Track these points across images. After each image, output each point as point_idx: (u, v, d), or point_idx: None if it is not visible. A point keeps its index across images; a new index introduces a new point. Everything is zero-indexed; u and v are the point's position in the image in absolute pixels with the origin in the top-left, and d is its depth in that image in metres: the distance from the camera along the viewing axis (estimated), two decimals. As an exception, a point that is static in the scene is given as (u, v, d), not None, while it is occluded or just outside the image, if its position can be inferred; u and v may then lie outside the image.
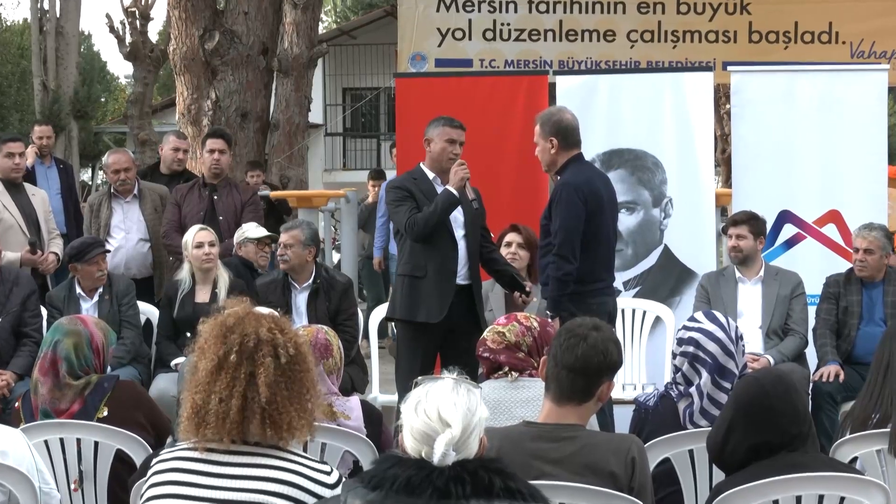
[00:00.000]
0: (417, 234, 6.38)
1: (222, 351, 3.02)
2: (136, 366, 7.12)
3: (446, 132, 6.55)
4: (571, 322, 3.80)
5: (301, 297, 7.23)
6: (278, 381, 3.01)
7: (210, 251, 7.30)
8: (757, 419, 3.51)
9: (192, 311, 7.15)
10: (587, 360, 3.64)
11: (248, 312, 3.13)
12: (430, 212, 6.35)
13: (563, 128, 6.29)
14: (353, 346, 7.09)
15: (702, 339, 4.48)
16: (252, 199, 8.49)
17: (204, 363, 3.03)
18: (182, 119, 12.45)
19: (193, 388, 3.03)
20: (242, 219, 8.26)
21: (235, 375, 3.00)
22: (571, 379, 3.64)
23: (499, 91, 8.50)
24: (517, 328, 4.67)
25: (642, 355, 7.63)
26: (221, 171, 8.47)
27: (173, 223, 8.19)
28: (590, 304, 6.01)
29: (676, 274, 8.22)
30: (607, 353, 3.66)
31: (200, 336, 3.09)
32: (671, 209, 8.27)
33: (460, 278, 6.49)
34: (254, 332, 3.05)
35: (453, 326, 6.40)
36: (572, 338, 3.68)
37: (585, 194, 6.14)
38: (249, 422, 2.98)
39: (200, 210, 8.23)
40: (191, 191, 8.37)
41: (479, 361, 4.69)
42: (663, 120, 8.28)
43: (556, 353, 3.70)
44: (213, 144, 8.51)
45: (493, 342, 4.64)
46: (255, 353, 3.02)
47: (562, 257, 6.07)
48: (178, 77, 12.59)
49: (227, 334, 3.05)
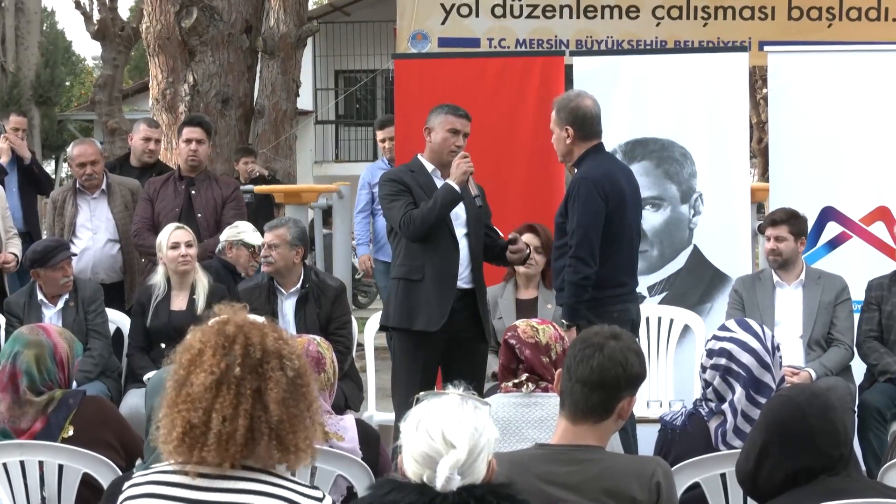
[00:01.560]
0: (414, 232, 6.38)
1: (224, 363, 2.97)
2: (105, 380, 7.13)
3: (449, 121, 6.56)
4: (587, 331, 3.80)
5: (288, 303, 7.24)
6: (286, 397, 2.98)
7: (187, 252, 7.30)
8: (794, 443, 3.48)
9: (167, 320, 7.16)
10: (604, 372, 3.64)
11: (248, 320, 3.08)
12: (429, 208, 6.36)
13: (582, 115, 6.29)
14: (346, 357, 7.10)
15: (735, 350, 4.48)
16: (234, 193, 8.49)
17: (201, 377, 2.96)
18: (156, 105, 12.47)
19: (183, 404, 2.97)
20: (223, 216, 8.27)
21: (240, 391, 2.95)
22: (587, 394, 3.64)
23: (509, 74, 8.50)
24: (552, 331, 4.74)
25: (669, 369, 7.63)
26: (199, 162, 8.47)
27: (146, 221, 8.20)
28: (610, 312, 6.01)
29: (707, 278, 8.22)
30: (627, 364, 3.66)
31: (191, 346, 3.04)
32: (701, 206, 8.27)
33: (462, 281, 6.49)
34: (259, 342, 3.01)
35: (456, 336, 6.40)
36: (587, 348, 3.68)
37: (606, 189, 6.15)
38: (256, 443, 2.94)
39: (176, 206, 8.24)
40: (165, 185, 8.38)
41: (501, 350, 4.73)
42: (692, 106, 8.28)
43: (570, 364, 3.70)
44: (189, 133, 8.52)
45: (525, 333, 4.68)
46: (260, 365, 2.98)
47: (579, 259, 6.07)
48: (151, 58, 12.61)
49: (228, 344, 3.00)
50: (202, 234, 8.07)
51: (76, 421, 4.78)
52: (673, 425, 4.56)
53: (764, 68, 8.68)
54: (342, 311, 7.25)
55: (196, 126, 8.64)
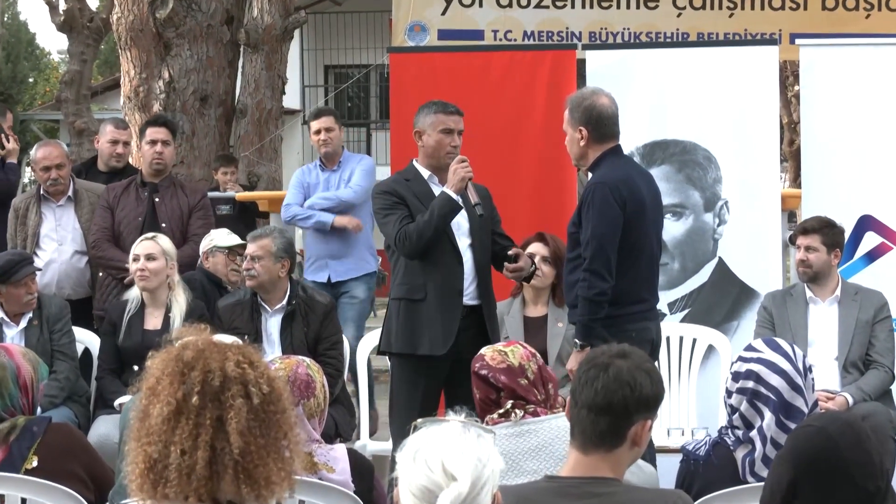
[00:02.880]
0: (411, 248, 6.39)
1: (181, 392, 2.99)
2: (72, 406, 7.13)
3: (440, 120, 6.57)
4: (593, 351, 3.80)
5: (273, 321, 7.25)
6: (252, 426, 2.99)
7: (146, 266, 7.28)
8: (826, 479, 3.46)
9: (140, 340, 7.16)
10: (609, 394, 3.63)
11: (209, 343, 3.10)
12: (425, 221, 6.37)
13: (598, 115, 6.29)
14: (337, 381, 7.11)
15: (763, 372, 4.49)
16: (201, 202, 8.47)
17: (158, 407, 2.98)
18: (128, 104, 12.48)
19: (146, 437, 2.99)
20: (190, 226, 8.27)
21: (199, 422, 2.97)
22: (593, 420, 3.63)
23: (516, 70, 8.52)
24: (521, 351, 4.76)
25: (691, 393, 7.63)
26: (164, 166, 8.47)
27: (105, 231, 8.19)
28: (628, 331, 6.01)
29: (733, 293, 8.23)
30: (635, 384, 3.63)
31: (150, 374, 3.05)
32: (727, 214, 8.28)
33: (467, 298, 6.51)
34: (219, 368, 3.02)
35: (460, 357, 6.40)
36: (592, 369, 3.67)
37: (623, 195, 6.15)
38: (220, 477, 2.95)
39: (138, 215, 8.24)
40: (126, 191, 8.37)
41: (474, 384, 4.75)
42: (717, 105, 8.29)
43: (576, 388, 3.69)
44: (154, 134, 8.50)
45: (494, 360, 4.70)
46: (221, 393, 3.00)
47: (594, 273, 6.07)
48: (122, 52, 12.62)
49: (186, 371, 3.02)
50: (166, 245, 8.09)
51: (41, 450, 4.78)
52: (696, 455, 4.56)
53: (796, 63, 8.70)
54: (332, 330, 7.26)
55: (160, 126, 8.63)
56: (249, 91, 13.30)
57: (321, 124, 9.16)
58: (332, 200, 8.99)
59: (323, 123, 9.16)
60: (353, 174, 9.10)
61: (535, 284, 7.12)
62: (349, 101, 28.28)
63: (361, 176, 9.06)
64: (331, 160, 9.17)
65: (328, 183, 9.13)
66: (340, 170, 9.17)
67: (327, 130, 9.12)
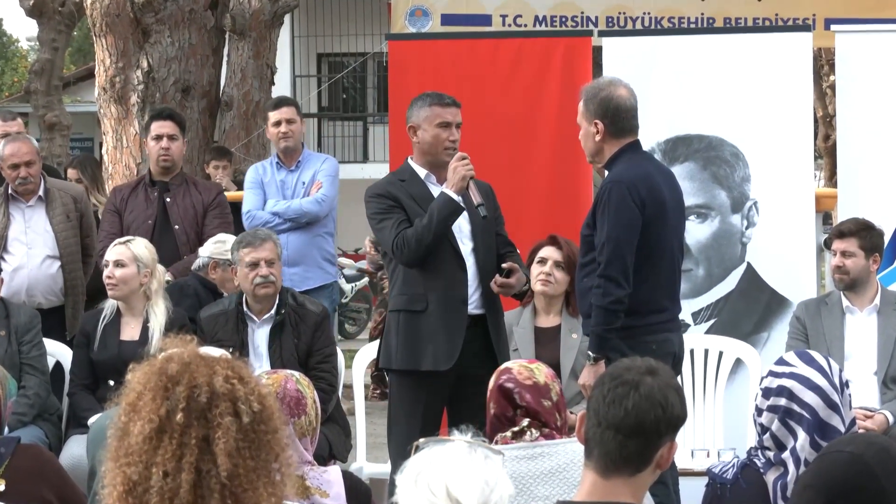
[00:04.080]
0: (410, 255, 6.39)
1: (164, 409, 2.98)
2: (43, 424, 7.14)
3: (437, 113, 6.56)
4: (616, 366, 3.78)
5: (261, 332, 7.26)
6: (241, 447, 2.98)
7: (114, 274, 7.29)
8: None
9: (116, 352, 7.17)
10: (641, 415, 3.62)
11: (196, 356, 3.09)
12: (424, 225, 6.37)
13: (615, 107, 6.30)
14: (331, 397, 7.11)
15: (796, 388, 4.49)
16: (217, 199, 8.49)
17: (138, 425, 2.97)
18: (103, 95, 12.48)
19: (125, 458, 2.98)
20: (206, 227, 8.27)
21: (184, 441, 2.96)
22: (620, 442, 3.62)
23: (526, 58, 8.53)
24: (545, 369, 4.76)
25: (717, 411, 7.64)
26: (173, 163, 8.50)
27: (113, 237, 8.07)
28: (647, 343, 6.02)
29: (763, 302, 8.23)
30: (667, 404, 3.63)
31: (130, 389, 3.04)
32: (756, 216, 8.29)
33: (472, 307, 6.52)
34: (206, 383, 3.01)
35: (464, 371, 6.41)
36: (620, 386, 3.66)
37: (642, 194, 6.16)
38: (205, 502, 2.94)
39: (148, 217, 8.27)
40: (134, 192, 8.41)
41: (493, 397, 4.74)
42: (746, 97, 8.30)
43: (598, 406, 3.67)
44: (160, 128, 8.53)
45: (521, 375, 4.69)
46: (208, 410, 3.00)
47: (609, 279, 6.08)
48: (97, 39, 12.62)
49: (170, 386, 3.00)
50: (181, 249, 8.11)
51: (8, 473, 4.78)
52: (723, 479, 4.56)
53: (831, 51, 8.70)
54: (325, 342, 7.27)
55: (167, 119, 8.65)
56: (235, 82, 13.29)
57: (282, 115, 8.98)
58: (296, 213, 8.76)
59: (284, 114, 8.99)
60: (317, 179, 8.89)
61: (546, 292, 7.12)
62: (344, 92, 28.31)
63: (330, 184, 8.89)
64: (290, 157, 8.99)
65: (284, 185, 8.92)
66: (300, 170, 8.96)
67: (288, 122, 8.94)
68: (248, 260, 7.18)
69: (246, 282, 7.19)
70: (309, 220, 8.76)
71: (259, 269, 7.17)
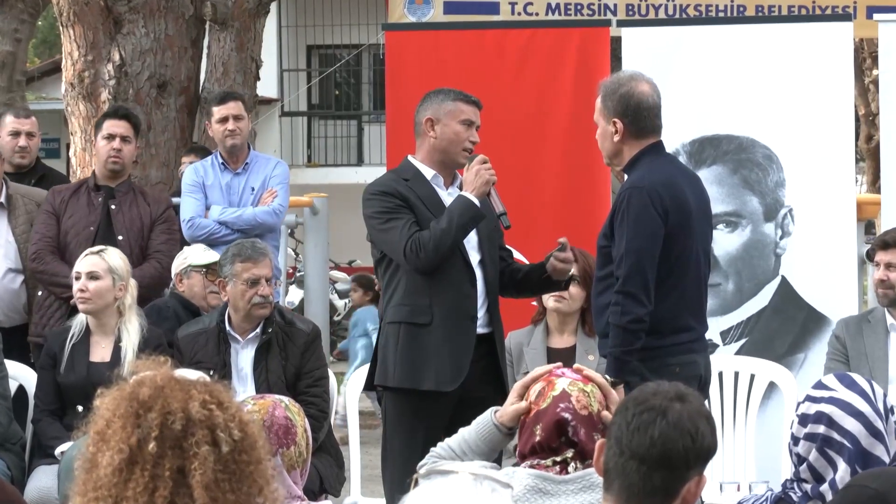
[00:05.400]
0: (427, 262, 6.37)
1: (135, 438, 2.99)
2: (4, 455, 7.14)
3: (461, 110, 6.55)
4: (642, 390, 3.78)
5: (245, 353, 7.26)
6: (220, 479, 2.99)
7: (87, 286, 7.29)
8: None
9: (85, 375, 7.17)
10: (669, 444, 3.62)
11: (170, 379, 3.10)
12: (442, 229, 6.34)
13: (636, 105, 6.30)
14: (322, 425, 7.12)
15: (836, 415, 4.49)
16: (165, 213, 8.41)
17: (107, 456, 2.98)
18: (70, 91, 12.47)
19: (93, 492, 2.99)
20: (151, 241, 8.25)
21: (157, 473, 2.96)
22: (644, 474, 3.62)
23: (538, 50, 8.54)
24: (598, 394, 4.62)
25: (749, 440, 7.64)
26: (123, 167, 8.45)
27: (48, 241, 8.13)
28: (670, 366, 6.03)
29: (800, 320, 8.23)
30: (697, 434, 3.64)
31: (99, 416, 3.05)
32: (791, 224, 8.29)
33: (479, 325, 6.53)
34: (181, 409, 3.02)
35: (466, 393, 6.41)
36: (645, 412, 3.66)
37: (665, 202, 6.16)
38: None
39: (90, 224, 8.22)
40: (76, 195, 8.35)
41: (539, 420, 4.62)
42: (780, 93, 8.31)
43: (621, 434, 3.67)
44: (112, 127, 8.48)
45: (579, 402, 4.58)
46: (183, 439, 3.00)
47: (628, 296, 6.07)
48: (64, 30, 12.63)
49: (141, 412, 3.01)
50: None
51: (-35, 509, 4.80)
52: (755, 514, 4.57)
53: (874, 42, 8.70)
54: (316, 364, 7.27)
55: (120, 119, 8.61)
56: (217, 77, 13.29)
57: (229, 110, 8.92)
58: (249, 223, 8.68)
59: (231, 109, 8.94)
60: (269, 186, 8.84)
61: (560, 309, 7.12)
62: (337, 88, 28.30)
63: (285, 193, 8.89)
64: (236, 158, 8.94)
65: (230, 189, 8.86)
66: (247, 173, 8.92)
67: (236, 118, 8.91)
68: (248, 276, 7.17)
69: (241, 300, 7.18)
70: (261, 231, 8.69)
71: (259, 287, 7.17)
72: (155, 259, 8.20)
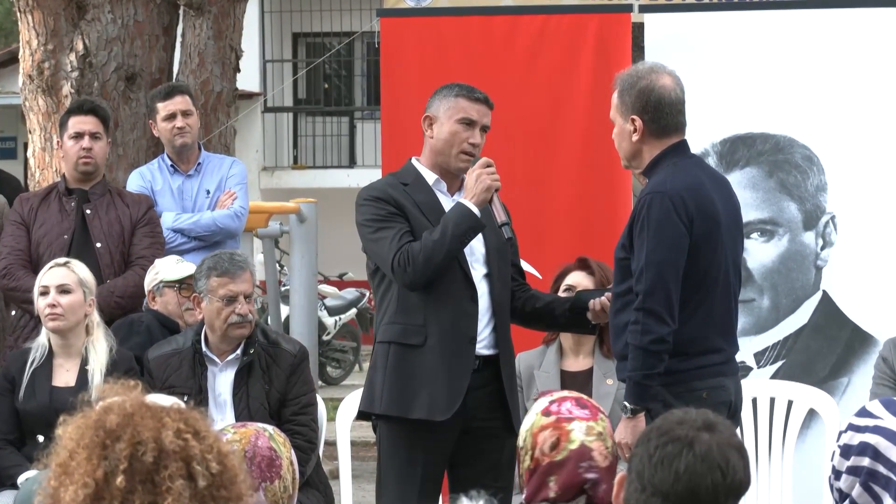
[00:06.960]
0: (415, 276, 6.37)
1: (101, 471, 3.01)
2: (-40, 486, 7.20)
3: (461, 107, 6.55)
4: (667, 418, 3.80)
5: (224, 377, 7.29)
6: None
7: (58, 301, 7.32)
8: None
9: (47, 401, 7.21)
10: (695, 479, 3.64)
11: (140, 406, 3.12)
12: (435, 240, 6.34)
13: (657, 100, 6.32)
14: (309, 456, 7.14)
15: (882, 445, 4.51)
16: (147, 214, 8.45)
17: (71, 490, 3.00)
18: (29, 84, 12.50)
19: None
20: (133, 246, 8.28)
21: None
22: (671, 511, 3.65)
23: (551, 39, 8.55)
24: (605, 423, 4.67)
25: (786, 473, 7.66)
26: (96, 167, 8.47)
27: (18, 254, 8.15)
28: (697, 391, 6.05)
29: (843, 340, 8.24)
30: (728, 467, 3.66)
31: (62, 447, 3.07)
32: (834, 233, 8.31)
33: (482, 346, 6.54)
34: (152, 439, 3.04)
35: (471, 424, 6.44)
36: (670, 443, 3.68)
37: (689, 209, 6.17)
38: None
39: (63, 231, 8.25)
40: (45, 202, 8.38)
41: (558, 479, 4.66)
42: (821, 88, 8.33)
43: (643, 468, 3.69)
44: (79, 125, 8.50)
45: (601, 454, 4.61)
46: (155, 472, 3.02)
47: (650, 314, 6.08)
48: (22, 16, 12.66)
49: (109, 443, 3.03)
50: (103, 271, 8.06)
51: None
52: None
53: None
54: (303, 389, 7.30)
55: (87, 114, 8.63)
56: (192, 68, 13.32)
57: (176, 106, 8.90)
58: (208, 228, 8.73)
59: (179, 105, 8.92)
60: (227, 188, 8.88)
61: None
62: (326, 80, 28.28)
63: (245, 194, 8.95)
64: (186, 159, 8.97)
65: (182, 193, 8.89)
66: (200, 175, 8.95)
67: (185, 115, 8.91)
68: (224, 293, 7.19)
69: (217, 318, 7.21)
70: (222, 237, 8.74)
71: (237, 304, 7.20)
72: (139, 266, 8.20)
